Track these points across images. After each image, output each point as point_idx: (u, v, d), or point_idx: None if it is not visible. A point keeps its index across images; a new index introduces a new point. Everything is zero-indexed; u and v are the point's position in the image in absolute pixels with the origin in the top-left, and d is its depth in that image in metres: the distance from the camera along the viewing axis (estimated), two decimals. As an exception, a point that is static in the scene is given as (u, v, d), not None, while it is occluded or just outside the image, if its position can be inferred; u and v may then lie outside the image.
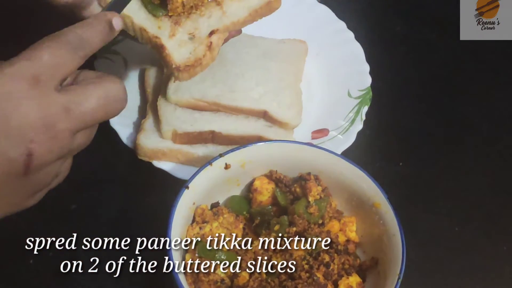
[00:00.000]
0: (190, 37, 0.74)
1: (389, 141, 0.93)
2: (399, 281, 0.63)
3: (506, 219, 0.87)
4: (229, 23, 0.74)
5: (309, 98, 0.93)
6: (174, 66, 0.72)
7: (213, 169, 0.70)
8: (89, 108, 0.55)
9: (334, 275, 0.67)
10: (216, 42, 0.73)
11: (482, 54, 1.06)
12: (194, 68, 0.72)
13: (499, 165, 0.93)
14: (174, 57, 0.72)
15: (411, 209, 0.83)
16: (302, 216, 0.69)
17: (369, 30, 1.03)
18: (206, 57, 0.72)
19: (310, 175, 0.72)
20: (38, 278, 0.75)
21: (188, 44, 0.73)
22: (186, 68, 0.72)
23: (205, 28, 0.74)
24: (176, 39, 0.73)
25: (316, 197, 0.71)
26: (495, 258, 0.82)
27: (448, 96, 1.01)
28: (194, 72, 0.73)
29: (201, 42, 0.73)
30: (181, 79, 0.73)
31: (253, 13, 0.75)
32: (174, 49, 0.73)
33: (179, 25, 0.74)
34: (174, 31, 0.74)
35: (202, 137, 0.84)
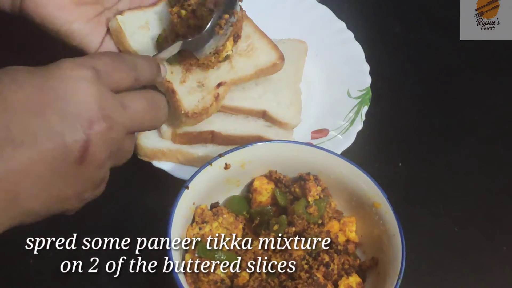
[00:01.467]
0: (199, 85, 0.79)
1: (389, 141, 0.93)
2: (399, 281, 0.63)
3: (506, 219, 0.87)
4: (236, 78, 0.80)
5: (309, 98, 0.93)
6: (183, 112, 0.77)
7: (213, 169, 0.70)
8: (141, 109, 0.56)
9: (334, 275, 0.67)
10: (222, 94, 0.79)
11: (482, 54, 1.06)
12: (200, 116, 0.78)
13: (499, 165, 0.93)
14: (184, 103, 0.77)
15: (411, 209, 0.83)
16: (302, 216, 0.69)
17: (369, 30, 1.03)
18: (212, 106, 0.78)
19: (309, 175, 0.72)
20: (38, 278, 0.75)
21: (197, 92, 0.79)
22: (193, 115, 0.77)
23: (214, 79, 0.79)
24: (186, 85, 0.79)
25: (315, 197, 0.71)
26: (495, 258, 0.82)
27: (448, 96, 1.01)
28: (200, 119, 0.78)
29: (209, 92, 0.78)
30: (188, 124, 0.79)
31: (258, 71, 0.83)
32: (184, 96, 0.78)
33: (189, 73, 0.79)
34: (185, 78, 0.79)
35: (202, 137, 0.84)
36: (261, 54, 0.84)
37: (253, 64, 0.82)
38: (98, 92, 0.52)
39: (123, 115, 0.54)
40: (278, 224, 0.69)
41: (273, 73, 0.84)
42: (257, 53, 0.84)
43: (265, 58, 0.83)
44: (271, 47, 0.84)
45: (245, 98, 0.88)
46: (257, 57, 0.83)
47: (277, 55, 0.83)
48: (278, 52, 0.84)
